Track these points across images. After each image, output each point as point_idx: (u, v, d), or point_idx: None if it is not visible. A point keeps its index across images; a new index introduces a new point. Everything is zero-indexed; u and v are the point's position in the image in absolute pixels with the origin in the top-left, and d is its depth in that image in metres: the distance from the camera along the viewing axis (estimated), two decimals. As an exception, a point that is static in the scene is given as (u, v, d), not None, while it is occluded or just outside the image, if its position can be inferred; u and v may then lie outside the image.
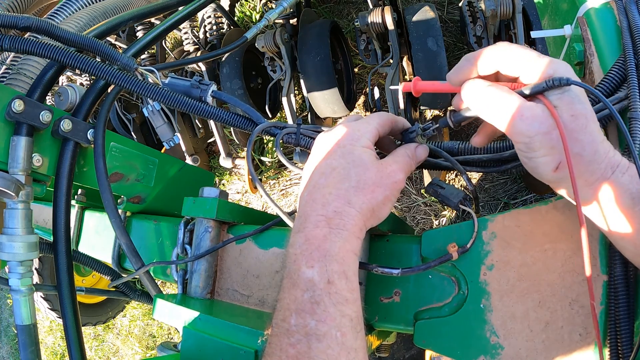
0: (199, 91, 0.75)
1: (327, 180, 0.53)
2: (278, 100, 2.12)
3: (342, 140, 0.56)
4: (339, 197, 0.51)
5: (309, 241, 0.50)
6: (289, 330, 0.46)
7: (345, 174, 0.53)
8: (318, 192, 0.53)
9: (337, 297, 0.47)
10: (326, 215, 0.51)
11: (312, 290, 0.47)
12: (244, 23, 2.49)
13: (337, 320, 0.46)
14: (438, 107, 1.74)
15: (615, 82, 0.57)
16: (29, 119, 0.70)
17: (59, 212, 0.78)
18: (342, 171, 0.53)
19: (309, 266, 0.48)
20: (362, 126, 0.57)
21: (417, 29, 1.49)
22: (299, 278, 0.48)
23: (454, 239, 0.60)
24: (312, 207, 0.52)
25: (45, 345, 3.20)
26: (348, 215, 0.51)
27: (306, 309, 0.46)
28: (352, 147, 0.55)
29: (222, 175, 2.57)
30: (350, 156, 0.54)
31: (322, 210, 0.51)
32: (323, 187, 0.53)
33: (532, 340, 0.55)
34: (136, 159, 0.95)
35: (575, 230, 0.55)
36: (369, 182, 0.53)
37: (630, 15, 0.60)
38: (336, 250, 0.49)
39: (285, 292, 0.49)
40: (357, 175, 0.53)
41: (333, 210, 0.51)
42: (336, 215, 0.50)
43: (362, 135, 0.56)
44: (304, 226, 0.51)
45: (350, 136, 0.56)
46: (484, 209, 1.90)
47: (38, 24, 0.69)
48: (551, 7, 0.86)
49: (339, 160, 0.54)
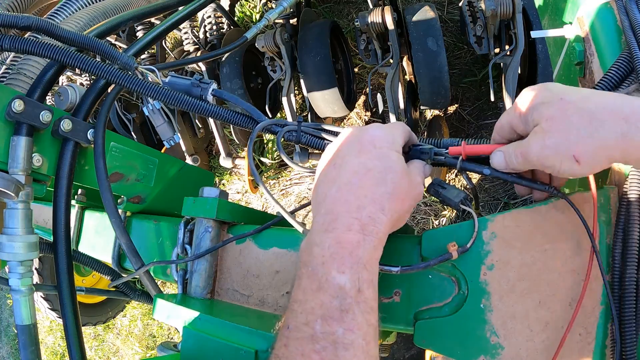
0: (200, 90, 0.75)
1: (362, 181, 0.51)
2: (278, 100, 2.12)
3: (378, 141, 0.54)
4: (374, 202, 0.50)
5: (341, 245, 0.48)
6: (313, 336, 0.45)
7: (381, 178, 0.51)
8: (351, 193, 0.51)
9: (364, 306, 0.46)
10: (360, 219, 0.49)
11: (342, 298, 0.46)
12: (244, 23, 2.49)
13: (364, 329, 0.46)
14: (438, 107, 1.74)
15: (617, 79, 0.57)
16: (29, 119, 0.70)
17: (59, 212, 0.78)
18: (377, 174, 0.52)
19: (340, 272, 0.47)
20: (395, 131, 0.57)
21: (417, 28, 1.49)
22: (328, 283, 0.46)
23: (454, 239, 0.60)
24: (346, 208, 0.50)
25: (45, 345, 3.20)
26: (380, 222, 0.50)
27: (334, 316, 0.45)
28: (389, 151, 0.54)
29: (222, 175, 2.57)
30: (386, 160, 0.53)
31: (356, 213, 0.49)
32: (357, 187, 0.51)
33: (532, 340, 0.55)
34: (136, 159, 0.95)
35: (576, 230, 0.55)
36: (403, 190, 0.52)
37: (631, 14, 0.60)
38: (367, 258, 0.48)
39: (309, 294, 0.47)
40: (392, 181, 0.52)
41: (367, 216, 0.49)
42: (370, 222, 0.49)
43: (396, 140, 0.56)
44: (334, 226, 0.49)
45: (386, 139, 0.55)
46: (484, 209, 1.90)
47: (38, 23, 0.69)
48: (551, 7, 0.86)
49: (375, 162, 0.52)
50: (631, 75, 0.56)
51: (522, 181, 0.57)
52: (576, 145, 0.45)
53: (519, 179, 0.57)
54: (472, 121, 1.99)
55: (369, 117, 2.20)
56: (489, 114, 1.96)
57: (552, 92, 0.49)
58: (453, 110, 2.02)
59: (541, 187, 0.56)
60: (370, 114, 2.20)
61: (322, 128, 0.70)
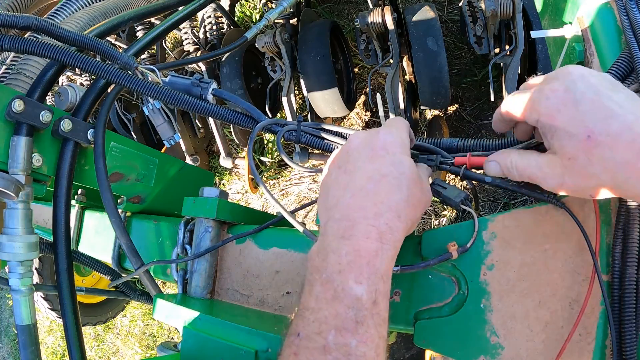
0: (200, 89, 0.75)
1: (377, 187, 0.50)
2: (278, 100, 2.12)
3: (390, 147, 0.53)
4: (391, 210, 0.49)
5: (359, 253, 0.47)
6: (325, 347, 0.44)
7: (397, 185, 0.50)
8: (368, 199, 0.50)
9: (378, 319, 0.46)
10: (378, 227, 0.48)
11: (358, 309, 0.45)
12: (244, 23, 2.49)
13: (376, 342, 0.45)
14: (438, 107, 1.74)
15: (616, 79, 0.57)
16: (29, 119, 0.70)
17: (59, 212, 0.78)
18: (393, 181, 0.50)
19: (357, 282, 0.46)
20: (403, 134, 0.56)
21: (417, 29, 1.49)
22: (344, 293, 0.45)
23: (454, 239, 0.60)
24: (362, 215, 0.49)
25: (45, 345, 3.20)
26: (397, 230, 0.49)
27: (349, 327, 0.44)
28: (402, 156, 0.53)
29: (222, 175, 2.57)
30: (401, 166, 0.52)
31: (374, 221, 0.48)
32: (373, 194, 0.50)
33: (532, 340, 0.55)
34: (136, 158, 0.95)
35: (576, 230, 0.55)
36: (417, 197, 0.52)
37: (631, 14, 0.59)
38: (384, 269, 0.47)
39: (322, 302, 0.46)
40: (408, 188, 0.51)
41: (385, 223, 0.48)
42: (388, 230, 0.48)
43: (405, 143, 0.55)
44: (351, 233, 0.48)
45: (397, 143, 0.54)
46: (484, 209, 1.90)
47: (38, 23, 0.69)
48: (551, 7, 0.86)
49: (389, 168, 0.51)
50: (631, 76, 0.56)
51: (521, 190, 0.57)
52: (595, 189, 0.45)
53: (519, 188, 0.57)
54: (472, 121, 1.99)
55: (369, 117, 2.20)
56: (489, 114, 1.96)
57: (577, 117, 0.44)
58: (453, 110, 2.02)
59: (541, 196, 0.56)
60: (370, 114, 2.20)
61: (322, 128, 0.70)
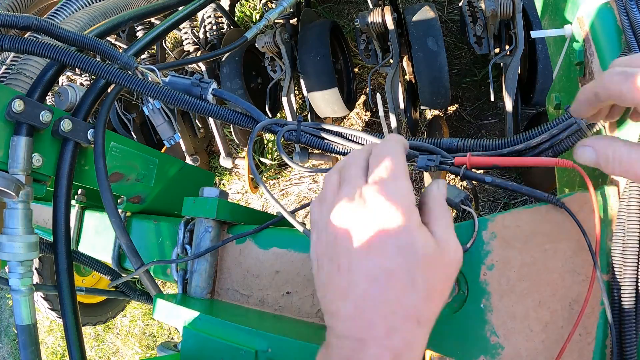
0: (200, 89, 0.75)
1: (384, 291, 0.39)
2: (278, 100, 2.13)
3: (389, 222, 0.40)
4: (407, 319, 0.39)
5: None
6: None
7: (409, 281, 0.39)
8: (374, 310, 0.39)
9: None
10: (393, 348, 0.38)
11: None
12: (244, 23, 2.49)
13: None
14: (438, 107, 1.74)
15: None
16: (29, 119, 0.70)
17: (59, 212, 0.78)
18: (403, 277, 0.39)
19: None
20: (404, 183, 0.42)
21: (417, 28, 1.49)
22: None
23: (454, 239, 0.60)
24: (371, 334, 0.39)
25: (45, 345, 3.20)
26: (418, 343, 0.40)
27: None
28: (410, 236, 0.40)
29: (222, 175, 2.57)
30: (412, 254, 0.40)
31: (387, 341, 0.38)
32: (380, 301, 0.39)
33: (532, 340, 0.55)
34: (136, 158, 0.95)
35: (576, 230, 0.55)
36: (440, 282, 0.41)
37: (631, 14, 0.59)
38: None
39: None
40: (424, 280, 0.40)
41: (402, 339, 0.39)
42: (406, 348, 0.39)
43: (411, 201, 0.41)
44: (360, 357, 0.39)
45: (401, 214, 0.40)
46: (484, 209, 1.90)
47: (38, 23, 0.69)
48: (551, 7, 0.86)
49: (397, 260, 0.39)
50: None
51: (521, 189, 0.57)
52: None
53: (519, 187, 0.57)
54: (472, 121, 1.99)
55: (369, 117, 2.21)
56: (489, 114, 1.96)
57: None
58: (453, 110, 2.02)
59: (541, 196, 0.56)
60: (370, 114, 2.20)
61: (322, 128, 0.70)
